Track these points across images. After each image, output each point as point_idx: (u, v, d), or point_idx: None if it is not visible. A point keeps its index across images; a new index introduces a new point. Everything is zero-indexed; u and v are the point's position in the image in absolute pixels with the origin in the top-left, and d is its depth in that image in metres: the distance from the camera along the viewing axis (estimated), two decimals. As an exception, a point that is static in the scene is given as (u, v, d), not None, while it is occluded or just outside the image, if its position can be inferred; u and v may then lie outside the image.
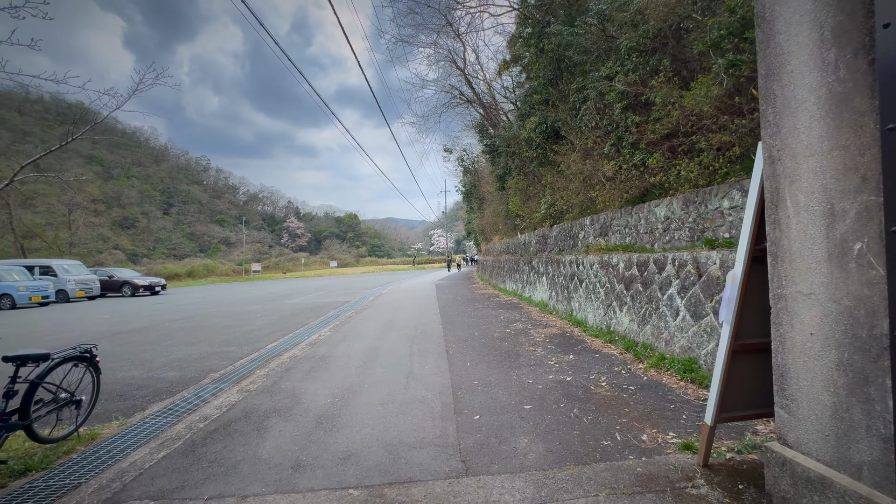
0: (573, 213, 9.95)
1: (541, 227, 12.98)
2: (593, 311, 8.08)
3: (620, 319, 7.00)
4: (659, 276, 5.99)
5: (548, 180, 11.38)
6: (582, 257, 8.81)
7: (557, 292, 10.29)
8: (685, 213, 5.97)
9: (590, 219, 9.14)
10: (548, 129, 11.33)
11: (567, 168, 9.65)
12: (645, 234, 7.03)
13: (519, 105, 14.62)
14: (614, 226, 8.06)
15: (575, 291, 9.10)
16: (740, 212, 4.97)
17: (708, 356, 4.86)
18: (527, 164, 13.64)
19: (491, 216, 22.80)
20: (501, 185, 17.45)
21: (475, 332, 8.55)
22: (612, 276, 7.41)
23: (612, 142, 7.69)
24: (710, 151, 5.21)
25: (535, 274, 12.67)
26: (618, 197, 7.56)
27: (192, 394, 5.27)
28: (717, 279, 4.82)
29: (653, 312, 6.08)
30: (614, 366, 5.68)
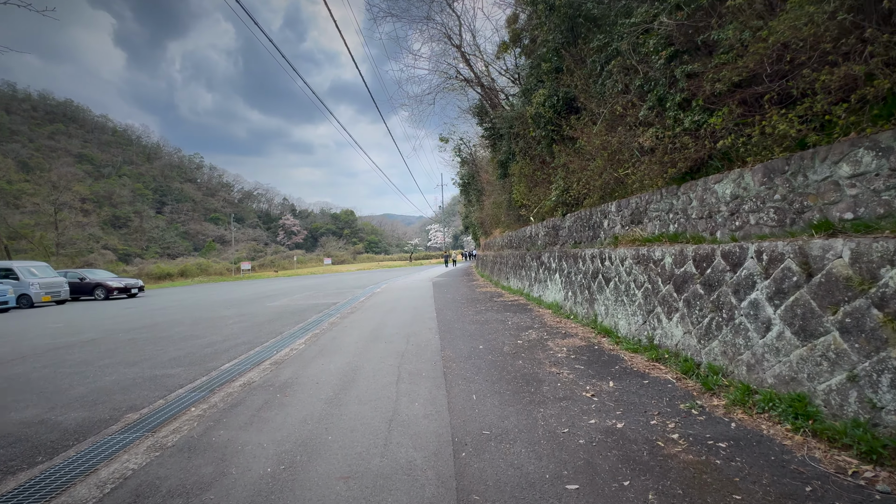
0: (593, 198, 8.34)
1: (551, 216, 11.37)
2: (627, 318, 6.50)
3: (669, 331, 5.41)
4: (732, 276, 4.39)
5: (560, 161, 9.76)
6: (609, 251, 7.21)
7: (575, 293, 8.70)
8: (768, 188, 4.36)
9: (616, 204, 7.53)
10: (559, 102, 9.69)
11: (587, 144, 8.02)
12: (699, 219, 5.42)
13: (523, 79, 12.97)
14: (651, 211, 6.45)
15: (600, 293, 7.50)
16: (873, 180, 3.36)
17: (833, 395, 3.27)
18: (533, 145, 12.00)
19: (491, 208, 21.18)
20: (503, 172, 15.81)
21: (479, 344, 6.96)
22: (653, 275, 5.82)
23: (650, 103, 6.06)
24: (822, 96, 3.59)
25: (545, 271, 11.08)
26: (658, 174, 5.95)
27: (77, 455, 3.66)
28: (845, 280, 3.23)
29: (723, 324, 4.49)
30: (677, 400, 4.10)
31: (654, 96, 5.99)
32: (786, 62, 3.88)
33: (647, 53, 6.17)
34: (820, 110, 3.63)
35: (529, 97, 11.52)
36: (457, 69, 18.40)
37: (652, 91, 6.07)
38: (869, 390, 3.03)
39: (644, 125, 6.26)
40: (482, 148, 26.75)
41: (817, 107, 3.64)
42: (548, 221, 11.58)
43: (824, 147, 3.78)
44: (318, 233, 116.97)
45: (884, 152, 3.32)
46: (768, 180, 4.36)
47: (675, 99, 5.55)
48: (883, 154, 3.32)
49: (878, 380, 2.98)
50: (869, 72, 3.24)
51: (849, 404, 3.16)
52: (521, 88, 12.66)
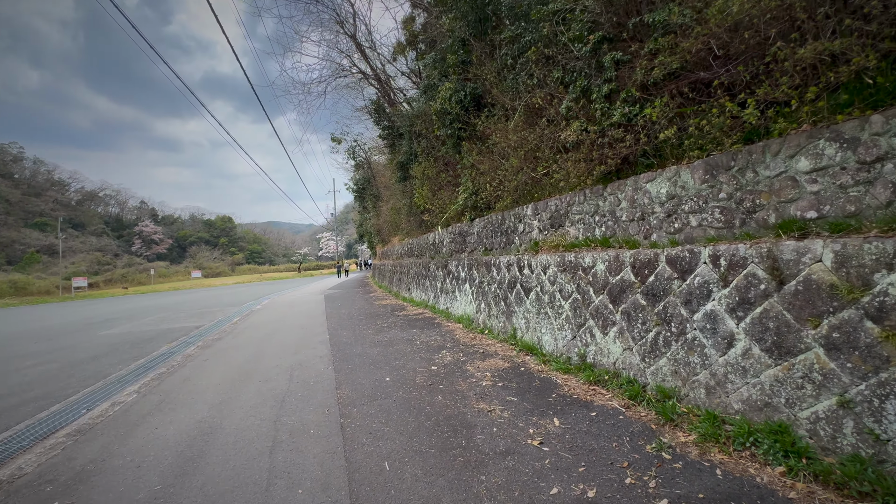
0: (506, 200, 7.68)
1: (458, 222, 10.57)
2: (552, 333, 5.81)
3: (605, 347, 4.79)
4: (681, 284, 3.86)
5: (468, 162, 8.99)
6: (528, 258, 6.53)
7: (490, 304, 7.91)
8: (710, 186, 3.95)
9: (532, 207, 6.93)
10: (467, 97, 8.94)
11: (502, 141, 7.32)
12: (630, 222, 4.95)
13: (425, 74, 12.07)
14: (574, 214, 5.92)
15: (518, 304, 6.78)
16: (839, 175, 3.01)
17: (822, 424, 2.77)
18: (438, 145, 11.13)
19: (390, 213, 19.89)
20: (404, 174, 14.70)
21: (385, 374, 5.62)
22: (583, 284, 5.20)
23: (573, 95, 5.51)
24: (787, 79, 3.18)
25: (453, 280, 10.20)
26: (585, 172, 5.41)
27: None
28: (828, 288, 2.76)
29: (672, 339, 3.93)
30: (639, 439, 3.34)
31: (577, 87, 5.45)
32: (741, 42, 3.45)
33: (567, 42, 5.63)
34: (780, 96, 3.23)
35: (433, 93, 10.63)
36: (352, 60, 16.82)
37: (575, 82, 5.53)
38: (869, 418, 2.55)
39: (567, 119, 5.69)
40: (379, 151, 25.38)
41: (777, 92, 3.23)
42: (454, 227, 10.76)
43: (776, 140, 3.41)
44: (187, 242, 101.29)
45: (849, 143, 2.97)
46: (711, 178, 3.95)
47: (603, 90, 5.04)
48: (848, 145, 2.98)
49: (880, 406, 2.51)
50: (843, 51, 2.86)
51: (844, 436, 2.66)
52: (424, 84, 11.75)
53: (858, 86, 2.97)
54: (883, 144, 2.80)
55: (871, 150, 2.85)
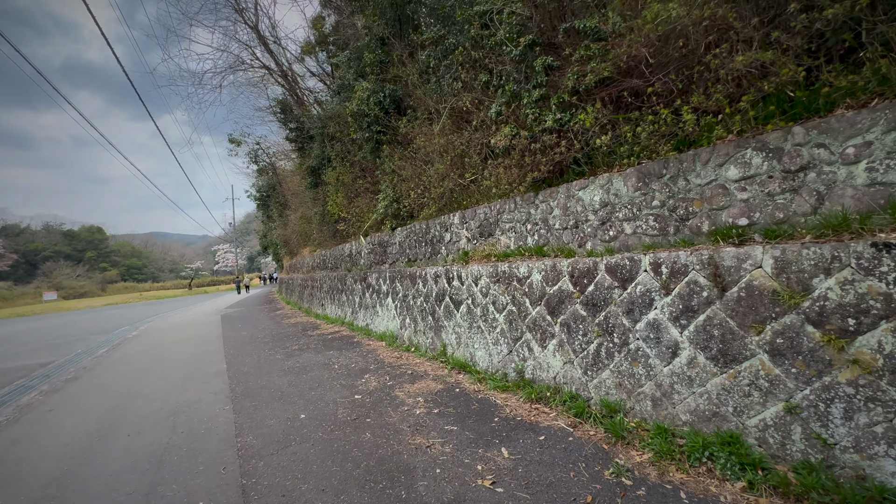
0: (431, 209, 7.28)
1: (377, 231, 9.90)
2: (486, 348, 5.49)
3: (545, 361, 4.57)
4: (622, 293, 3.76)
5: (388, 167, 8.44)
6: (458, 269, 6.16)
7: (415, 319, 7.38)
8: (644, 193, 3.95)
9: (459, 215, 6.62)
10: (387, 99, 8.42)
11: (427, 144, 6.92)
12: (564, 230, 4.84)
13: (339, 73, 11.27)
14: (505, 222, 5.71)
15: (448, 318, 6.36)
16: (767, 183, 3.11)
17: (771, 431, 2.75)
18: (354, 149, 10.39)
19: (299, 223, 18.31)
20: (315, 180, 13.56)
21: (300, 410, 4.76)
22: (519, 295, 4.96)
23: (503, 99, 5.32)
24: (721, 87, 3.23)
25: (373, 294, 9.46)
26: (517, 179, 5.22)
27: None
28: (770, 294, 2.77)
29: (615, 351, 3.81)
30: (595, 464, 3.08)
31: (507, 92, 5.26)
32: (675, 49, 3.47)
33: (495, 45, 5.45)
34: (712, 105, 3.28)
35: (348, 94, 9.90)
36: (253, 53, 15.21)
37: (504, 86, 5.35)
38: (816, 423, 2.56)
39: (497, 124, 5.48)
40: (285, 156, 23.49)
41: (710, 102, 3.28)
42: (374, 237, 10.06)
43: (706, 149, 3.48)
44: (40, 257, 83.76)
45: (774, 153, 3.09)
46: (643, 185, 3.96)
47: (534, 95, 4.91)
48: (773, 155, 3.09)
49: (826, 411, 2.53)
50: (771, 62, 2.95)
51: (793, 442, 2.66)
52: (337, 84, 10.94)
53: (783, 98, 3.10)
54: (805, 154, 2.94)
55: (795, 160, 2.98)
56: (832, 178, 2.81)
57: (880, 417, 2.33)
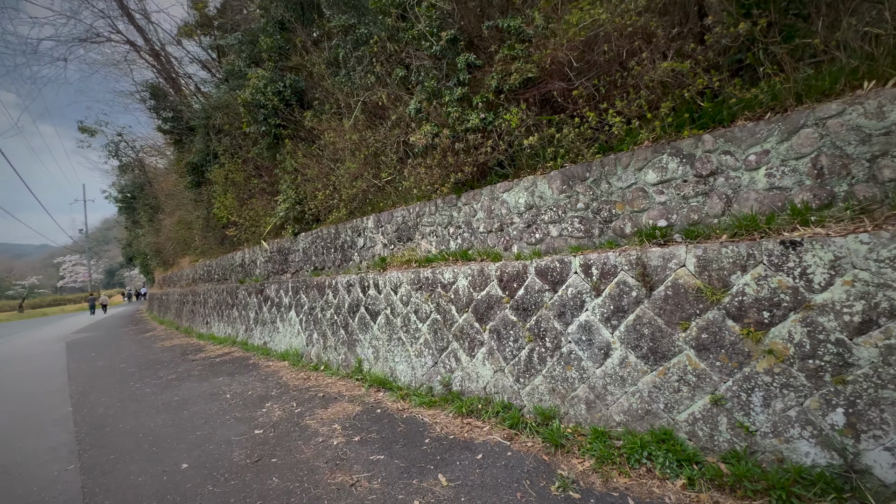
0: (342, 211, 6.66)
1: (276, 237, 8.83)
2: (408, 361, 5.08)
3: (474, 371, 4.33)
4: (553, 296, 3.70)
5: (289, 165, 7.57)
6: (374, 276, 5.66)
7: (325, 334, 6.63)
8: (568, 196, 3.98)
9: (374, 218, 6.14)
10: (288, 89, 7.57)
11: (336, 142, 6.30)
12: (489, 233, 4.71)
13: (227, 59, 9.93)
14: (425, 225, 5.41)
15: (363, 331, 5.80)
16: (682, 187, 3.30)
17: (700, 424, 2.84)
18: (247, 144, 9.18)
19: (176, 229, 15.71)
20: (197, 178, 11.70)
21: (182, 458, 3.80)
22: (444, 302, 4.67)
23: (422, 96, 5.04)
24: (644, 92, 3.35)
25: (272, 308, 8.35)
26: (439, 179, 4.96)
27: None
28: (695, 291, 2.90)
29: (547, 355, 3.72)
30: (539, 479, 2.89)
31: (426, 88, 4.99)
32: (601, 54, 3.53)
33: (412, 39, 5.15)
34: (634, 109, 3.39)
35: (240, 81, 8.74)
36: (114, 25, 12.66)
37: (423, 82, 5.07)
38: (739, 413, 2.70)
39: (417, 121, 5.17)
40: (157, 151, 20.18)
41: (633, 107, 3.38)
42: (272, 243, 8.95)
43: (627, 153, 3.60)
44: None
45: (687, 159, 3.29)
46: (568, 188, 3.99)
47: (456, 93, 4.71)
48: (687, 161, 3.29)
49: (748, 400, 2.68)
50: (689, 71, 3.13)
51: (720, 433, 2.77)
52: (226, 69, 9.59)
53: (693, 108, 3.32)
54: (714, 161, 3.16)
55: (706, 165, 3.20)
56: (738, 183, 3.06)
57: (793, 402, 2.52)
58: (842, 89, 2.73)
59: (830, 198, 2.69)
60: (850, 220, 2.50)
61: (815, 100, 2.82)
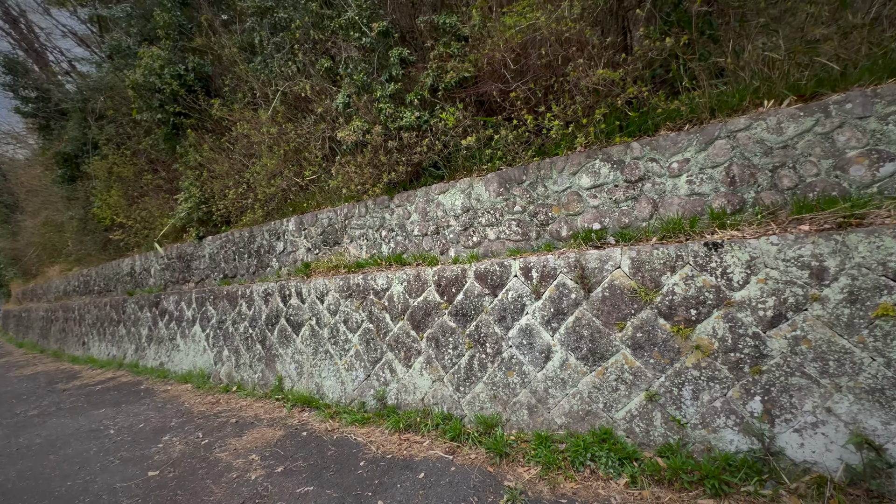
0: (257, 212, 5.99)
1: (176, 242, 7.72)
2: (337, 376, 4.66)
3: (411, 382, 4.08)
4: (493, 300, 3.62)
5: (193, 160, 6.65)
6: (295, 284, 5.13)
7: (238, 351, 5.87)
8: (505, 199, 3.96)
9: (296, 220, 5.61)
10: (191, 73, 6.67)
11: (251, 135, 5.65)
12: (424, 236, 4.52)
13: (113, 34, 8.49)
14: (354, 228, 5.05)
15: (284, 345, 5.23)
16: (614, 191, 3.43)
17: (637, 421, 2.92)
18: (138, 134, 7.93)
19: (41, 232, 13.06)
20: (70, 172, 9.82)
21: (44, 519, 3.00)
22: (377, 310, 4.37)
23: (353, 89, 4.71)
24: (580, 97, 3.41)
25: (172, 323, 7.23)
26: (370, 179, 4.65)
27: None
28: (630, 292, 3.00)
29: (488, 361, 3.62)
30: (489, 495, 2.76)
31: (355, 82, 4.67)
32: (539, 57, 3.54)
33: (340, 28, 4.80)
34: (570, 116, 3.45)
35: (130, 60, 7.53)
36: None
37: (352, 75, 4.74)
38: (671, 407, 2.83)
39: (346, 116, 4.82)
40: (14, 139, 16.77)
41: (568, 112, 3.44)
42: (170, 248, 7.80)
43: (562, 158, 3.67)
44: None
45: (618, 165, 3.43)
46: (505, 191, 3.96)
47: (388, 88, 4.46)
48: (617, 166, 3.43)
49: (679, 394, 2.81)
50: (620, 79, 3.25)
51: (655, 428, 2.87)
52: (110, 45, 8.18)
53: (621, 116, 3.47)
54: (642, 167, 3.33)
55: (634, 171, 3.35)
56: (663, 188, 3.25)
57: (718, 393, 2.69)
58: (748, 106, 3.02)
59: (741, 203, 2.95)
60: (759, 224, 2.76)
61: (726, 114, 3.09)
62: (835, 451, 2.34)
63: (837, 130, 2.68)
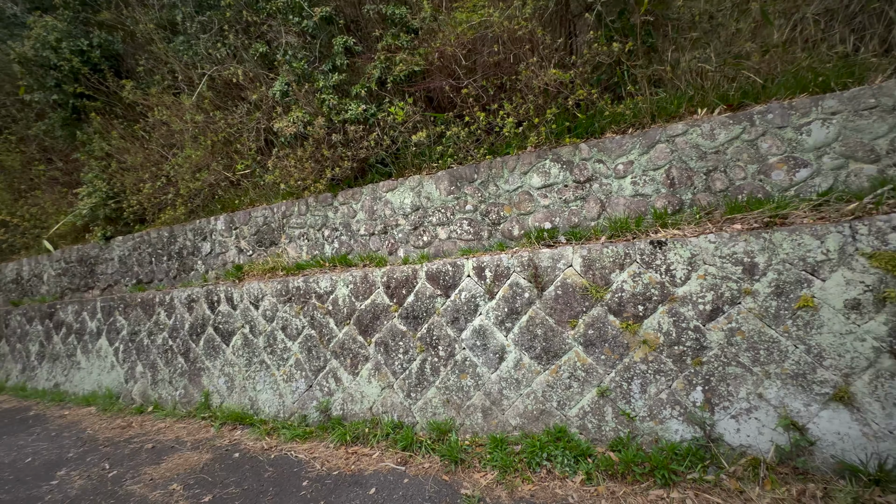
0: (179, 210, 5.35)
1: (77, 243, 6.69)
2: (274, 388, 4.26)
3: (357, 390, 3.83)
4: (445, 301, 3.51)
5: (99, 149, 5.81)
6: (225, 289, 4.64)
7: (155, 366, 5.17)
8: (456, 197, 3.87)
9: (226, 218, 5.09)
10: (95, 50, 5.83)
11: (171, 122, 5.05)
12: (371, 236, 4.29)
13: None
14: (293, 227, 4.68)
15: (212, 356, 4.69)
16: (563, 191, 3.48)
17: (589, 417, 2.95)
18: (25, 117, 6.80)
19: None
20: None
21: None
22: (320, 315, 4.06)
23: (293, 77, 4.38)
24: (532, 97, 3.40)
25: (71, 338, 6.21)
26: (312, 175, 4.33)
27: None
28: (581, 290, 3.03)
29: (440, 365, 3.49)
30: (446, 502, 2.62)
31: (295, 69, 4.34)
32: (491, 54, 3.50)
33: (277, 11, 4.44)
34: (522, 115, 3.45)
35: (19, 29, 6.44)
36: None
37: (290, 63, 4.40)
38: (622, 402, 2.89)
39: (284, 106, 4.45)
40: None
41: (520, 111, 3.44)
42: (68, 250, 6.74)
43: (513, 157, 3.66)
44: None
45: (567, 165, 3.49)
46: (456, 189, 3.88)
47: (332, 79, 4.19)
48: (566, 167, 3.49)
49: (628, 389, 2.88)
50: (570, 81, 3.30)
51: (606, 423, 2.92)
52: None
53: (568, 118, 3.54)
54: (590, 168, 3.41)
55: (583, 172, 3.43)
56: (610, 189, 3.35)
57: (664, 386, 2.79)
58: (684, 113, 3.21)
59: (681, 204, 3.12)
60: (697, 224, 2.92)
61: (665, 119, 3.26)
62: (766, 434, 2.52)
63: (761, 138, 2.92)
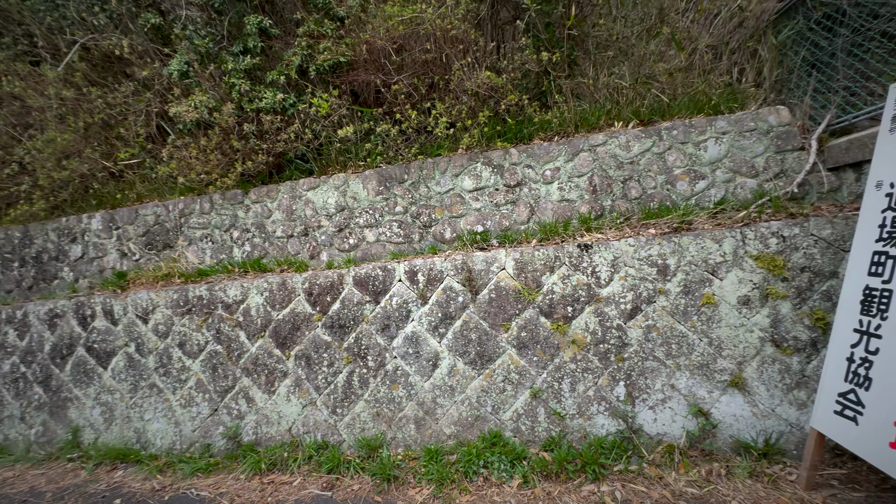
0: (37, 204, 4.35)
1: None
2: (171, 416, 3.62)
3: (274, 410, 3.41)
4: (375, 307, 3.30)
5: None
6: (103, 299, 3.85)
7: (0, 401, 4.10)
8: (385, 198, 3.69)
9: (104, 216, 4.26)
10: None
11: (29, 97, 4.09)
12: (290, 238, 3.90)
13: None
14: (194, 228, 4.08)
15: (83, 383, 3.85)
16: (494, 195, 3.49)
17: (523, 419, 2.96)
18: None
19: None
20: None
21: None
22: (229, 328, 3.56)
23: (193, 56, 3.82)
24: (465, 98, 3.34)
25: None
26: (218, 167, 3.80)
27: None
28: (514, 293, 3.05)
29: (370, 376, 3.26)
30: (378, 530, 2.41)
31: (196, 47, 3.80)
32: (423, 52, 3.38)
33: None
34: (455, 116, 3.39)
35: None
36: None
37: (190, 39, 3.84)
38: (553, 401, 2.95)
39: (182, 87, 3.86)
40: None
41: (453, 112, 3.38)
42: None
43: (444, 158, 3.60)
44: None
45: (498, 169, 3.52)
46: (385, 190, 3.70)
47: (242, 62, 3.74)
48: (497, 170, 3.51)
49: (559, 388, 2.95)
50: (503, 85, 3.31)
51: (539, 423, 2.96)
52: None
53: (499, 123, 3.57)
54: (520, 173, 3.47)
55: (513, 176, 3.48)
56: (538, 194, 3.44)
57: (591, 383, 2.91)
58: (603, 124, 3.42)
59: (602, 210, 3.31)
60: (617, 228, 3.12)
61: (587, 130, 3.44)
62: (679, 422, 2.74)
63: (668, 151, 3.22)
